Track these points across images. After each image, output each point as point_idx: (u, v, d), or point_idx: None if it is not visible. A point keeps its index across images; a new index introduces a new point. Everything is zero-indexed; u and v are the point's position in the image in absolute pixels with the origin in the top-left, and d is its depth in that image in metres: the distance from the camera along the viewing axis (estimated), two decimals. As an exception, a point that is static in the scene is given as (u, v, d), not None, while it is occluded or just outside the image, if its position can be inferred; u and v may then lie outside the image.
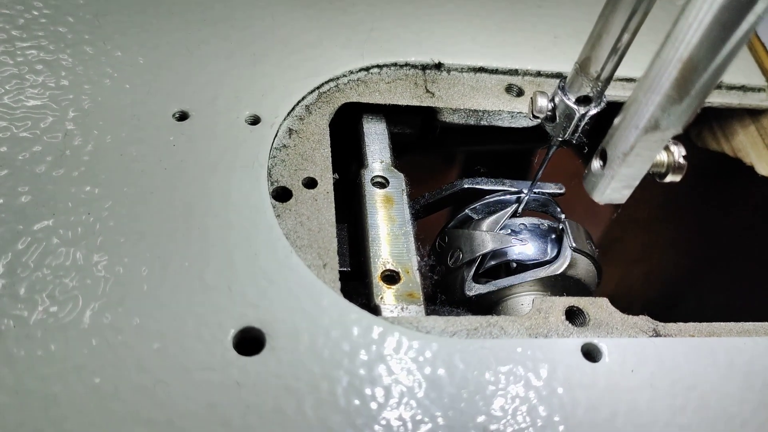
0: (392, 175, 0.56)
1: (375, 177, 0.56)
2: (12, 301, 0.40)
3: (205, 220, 0.46)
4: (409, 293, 0.48)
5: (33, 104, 0.50)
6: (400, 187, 0.55)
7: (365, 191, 0.54)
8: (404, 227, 0.52)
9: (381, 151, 0.58)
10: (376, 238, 0.51)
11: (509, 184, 0.60)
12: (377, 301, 0.47)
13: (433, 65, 0.61)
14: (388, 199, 0.54)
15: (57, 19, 0.56)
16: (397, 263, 0.50)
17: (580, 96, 0.46)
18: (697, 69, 0.33)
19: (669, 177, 0.42)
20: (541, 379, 0.43)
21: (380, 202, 0.54)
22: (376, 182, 0.55)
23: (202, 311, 0.42)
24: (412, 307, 0.47)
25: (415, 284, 0.49)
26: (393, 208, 0.54)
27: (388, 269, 0.49)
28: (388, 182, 0.55)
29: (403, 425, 0.40)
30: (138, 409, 0.38)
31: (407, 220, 0.53)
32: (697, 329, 0.48)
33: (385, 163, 0.57)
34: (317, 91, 0.57)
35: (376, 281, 0.48)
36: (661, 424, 0.42)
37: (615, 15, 0.41)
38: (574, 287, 0.54)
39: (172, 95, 0.53)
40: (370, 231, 0.51)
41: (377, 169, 0.57)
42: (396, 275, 0.49)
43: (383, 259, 0.50)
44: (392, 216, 0.53)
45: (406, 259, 0.50)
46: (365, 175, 0.56)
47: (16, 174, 0.46)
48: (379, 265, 0.49)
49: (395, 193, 0.55)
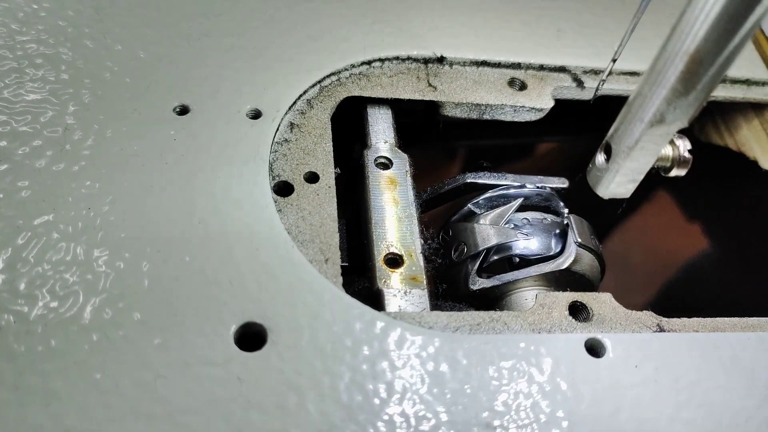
0: (396, 156, 0.55)
1: (378, 158, 0.55)
2: (12, 297, 0.40)
3: (206, 214, 0.46)
4: (413, 277, 0.48)
5: (33, 98, 0.50)
6: (403, 168, 0.54)
7: (368, 172, 0.54)
8: (408, 209, 0.51)
9: (384, 132, 0.57)
10: (379, 221, 0.50)
11: (512, 178, 0.59)
12: (380, 285, 0.46)
13: (436, 59, 0.61)
14: (391, 180, 0.53)
15: (57, 12, 0.56)
16: (401, 246, 0.49)
17: None
18: (704, 62, 0.32)
19: (674, 171, 0.41)
20: (544, 375, 0.43)
21: (384, 184, 0.53)
22: (380, 163, 0.55)
23: (203, 306, 0.42)
24: (416, 291, 0.47)
25: (418, 268, 0.48)
26: (397, 189, 0.53)
27: (391, 252, 0.49)
28: (391, 163, 0.55)
29: (406, 421, 0.40)
30: (139, 405, 0.38)
31: (411, 202, 0.52)
32: (701, 324, 0.48)
33: (388, 144, 0.57)
34: (319, 85, 0.57)
35: (380, 265, 0.48)
36: (665, 419, 0.42)
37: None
38: (578, 282, 0.54)
39: (172, 89, 0.53)
40: (373, 214, 0.51)
41: (381, 149, 0.56)
42: (400, 258, 0.48)
43: (386, 242, 0.49)
44: (396, 198, 0.52)
45: (409, 242, 0.50)
46: (368, 156, 0.55)
47: (15, 168, 0.46)
48: (383, 248, 0.49)
49: (399, 174, 0.54)
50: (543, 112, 0.61)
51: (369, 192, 0.52)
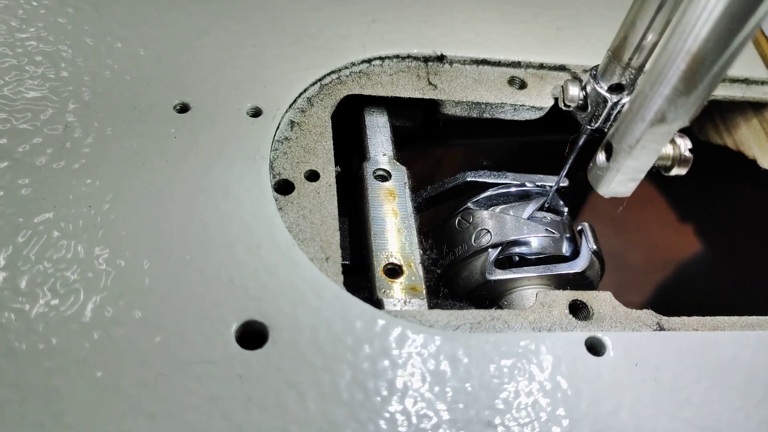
0: (394, 169, 0.56)
1: (377, 170, 0.55)
2: (13, 295, 0.40)
3: (207, 212, 0.46)
4: (412, 287, 0.48)
5: (33, 96, 0.50)
6: (402, 180, 0.55)
7: (367, 184, 0.54)
8: (407, 221, 0.52)
9: (383, 144, 0.58)
10: (378, 232, 0.51)
11: (512, 177, 0.60)
12: (380, 295, 0.47)
13: (436, 57, 0.61)
14: (390, 192, 0.54)
15: (57, 10, 0.56)
16: (400, 257, 0.49)
17: (612, 84, 0.45)
18: (705, 62, 0.32)
19: (675, 170, 0.41)
20: (545, 373, 0.43)
21: (383, 196, 0.53)
22: (378, 175, 0.55)
23: (203, 304, 0.42)
24: (415, 301, 0.47)
25: (418, 278, 0.49)
26: (395, 201, 0.53)
27: (390, 263, 0.49)
28: (390, 175, 0.55)
29: (407, 419, 0.40)
30: (139, 403, 0.38)
31: (410, 213, 0.53)
32: (701, 323, 0.48)
33: (387, 156, 0.57)
34: (319, 83, 0.57)
35: (379, 274, 0.48)
36: (664, 417, 0.42)
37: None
38: (579, 283, 0.54)
39: (172, 87, 0.53)
40: (372, 224, 0.51)
41: (379, 162, 0.56)
42: (399, 269, 0.49)
43: (386, 252, 0.50)
44: (394, 209, 0.53)
45: (408, 252, 0.50)
46: (367, 168, 0.55)
47: (16, 166, 0.46)
48: (382, 259, 0.49)
49: (397, 186, 0.54)
50: (543, 111, 0.61)
51: (368, 203, 0.52)
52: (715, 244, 0.89)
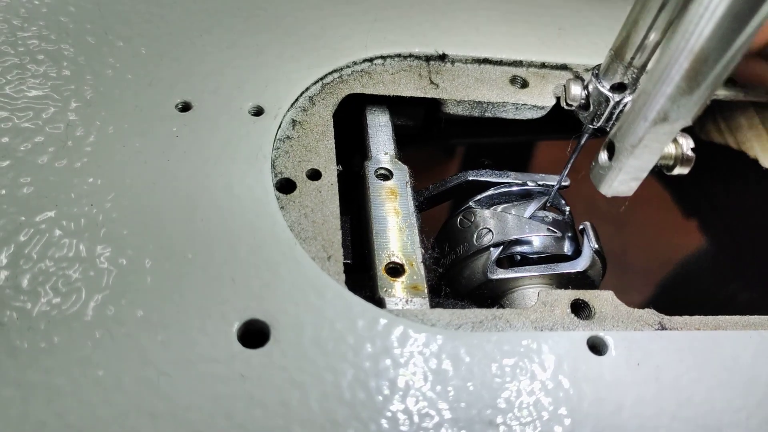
0: (396, 168, 0.56)
1: (379, 169, 0.55)
2: (15, 293, 0.40)
3: (209, 211, 0.46)
4: (414, 286, 0.48)
5: (34, 94, 0.50)
6: (404, 179, 0.55)
7: (369, 183, 0.54)
8: (408, 220, 0.52)
9: (385, 143, 0.58)
10: (380, 231, 0.51)
11: (513, 176, 0.59)
12: (382, 294, 0.47)
13: (438, 56, 0.61)
14: (392, 191, 0.54)
15: (58, 8, 0.56)
16: (401, 256, 0.49)
17: (614, 83, 0.45)
18: (708, 61, 0.32)
19: (677, 169, 0.41)
20: (546, 372, 0.43)
21: (384, 195, 0.53)
22: (380, 174, 0.55)
23: (206, 303, 0.42)
24: (417, 300, 0.47)
25: (419, 277, 0.49)
26: (397, 200, 0.53)
27: (392, 262, 0.49)
28: (392, 174, 0.55)
29: (409, 418, 0.40)
30: (142, 402, 0.38)
31: (411, 212, 0.53)
32: (703, 323, 0.48)
33: (389, 155, 0.57)
34: (321, 82, 0.57)
35: (381, 273, 0.48)
36: (666, 417, 0.42)
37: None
38: (581, 282, 0.54)
39: (174, 86, 0.53)
40: (374, 223, 0.51)
41: (381, 161, 0.56)
42: (400, 268, 0.49)
43: (388, 251, 0.50)
44: (396, 208, 0.53)
45: (410, 251, 0.50)
46: (369, 167, 0.55)
47: (17, 165, 0.46)
48: (384, 258, 0.49)
49: (399, 185, 0.54)
50: (544, 110, 0.61)
51: (370, 203, 0.52)
52: (716, 243, 0.89)
